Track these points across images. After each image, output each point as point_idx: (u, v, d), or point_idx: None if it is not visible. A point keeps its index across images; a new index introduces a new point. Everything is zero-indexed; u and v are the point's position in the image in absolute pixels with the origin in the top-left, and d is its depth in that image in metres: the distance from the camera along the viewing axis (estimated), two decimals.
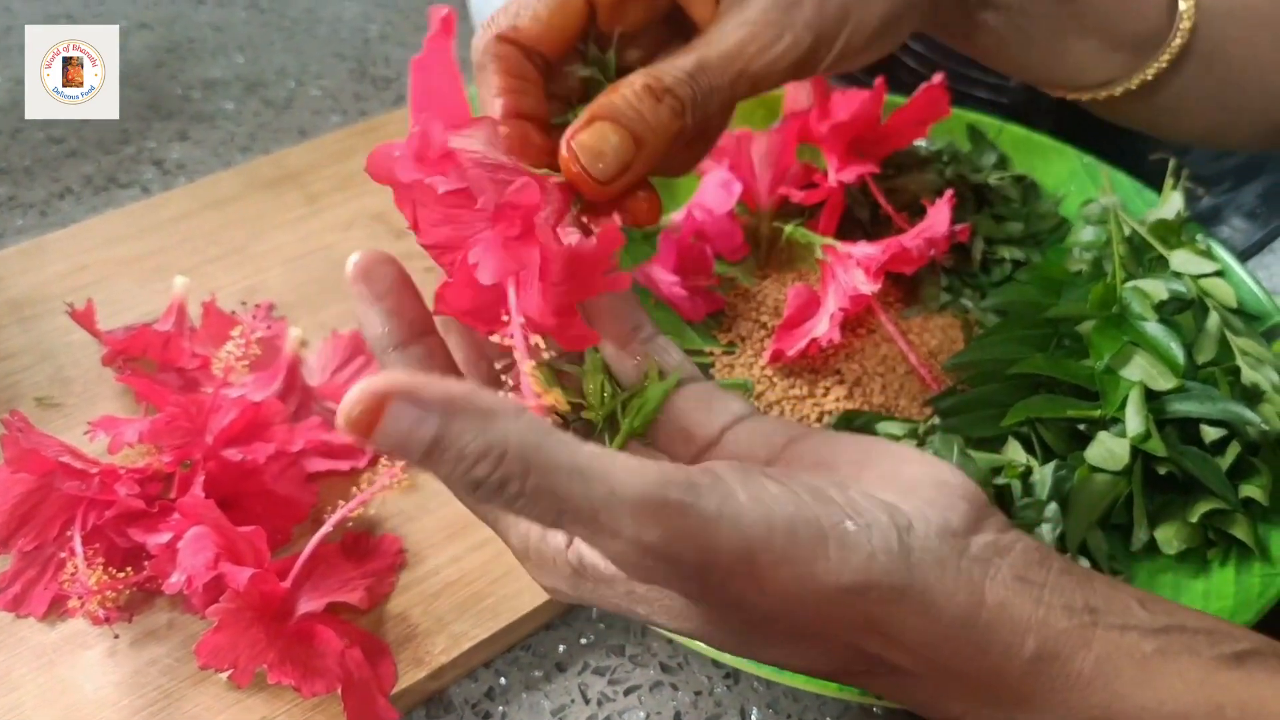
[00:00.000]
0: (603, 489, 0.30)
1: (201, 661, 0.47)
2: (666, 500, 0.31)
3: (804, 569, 0.33)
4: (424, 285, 0.72)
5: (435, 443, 0.29)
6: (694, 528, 0.31)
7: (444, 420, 0.29)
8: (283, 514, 0.56)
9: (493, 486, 0.30)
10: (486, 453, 0.29)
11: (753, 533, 0.32)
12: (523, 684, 0.56)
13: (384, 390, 0.29)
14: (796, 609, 0.34)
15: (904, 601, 0.34)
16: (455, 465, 0.30)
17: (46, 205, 0.80)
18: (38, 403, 0.64)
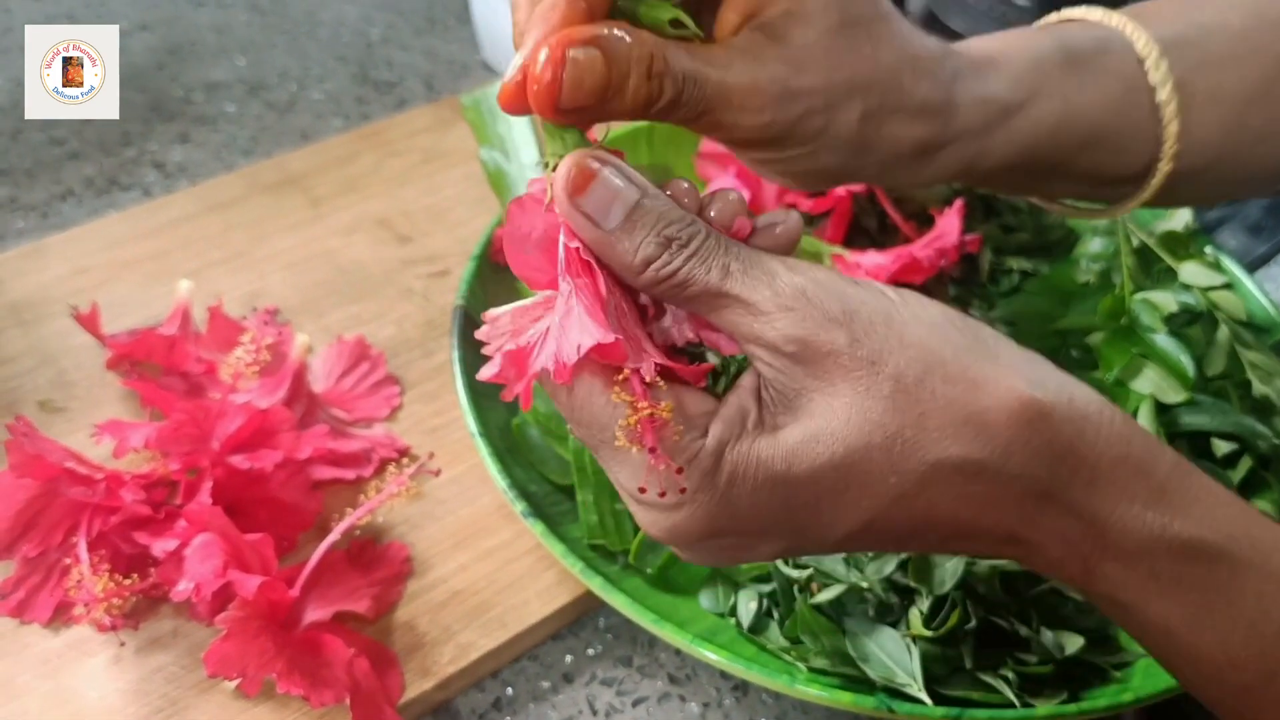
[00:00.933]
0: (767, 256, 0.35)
1: (210, 670, 0.47)
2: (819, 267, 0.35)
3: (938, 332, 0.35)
4: (430, 289, 0.72)
5: (641, 204, 0.34)
6: (838, 281, 0.35)
7: (653, 191, 0.35)
8: (289, 522, 0.56)
9: (683, 239, 0.34)
10: (684, 216, 0.35)
11: (889, 301, 0.35)
12: (530, 695, 0.55)
13: (605, 158, 0.35)
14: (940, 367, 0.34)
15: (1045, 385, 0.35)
16: (653, 224, 0.34)
17: (48, 207, 0.80)
18: (40, 407, 0.64)
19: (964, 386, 0.34)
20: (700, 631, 0.52)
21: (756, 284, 0.34)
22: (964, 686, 0.50)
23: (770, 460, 0.34)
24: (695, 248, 0.34)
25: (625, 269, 0.35)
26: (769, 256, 0.35)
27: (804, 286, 0.34)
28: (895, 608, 0.52)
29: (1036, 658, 0.51)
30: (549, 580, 0.57)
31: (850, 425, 0.34)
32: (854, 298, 0.34)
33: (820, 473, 0.34)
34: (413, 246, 0.75)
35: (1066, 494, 0.35)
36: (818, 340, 0.34)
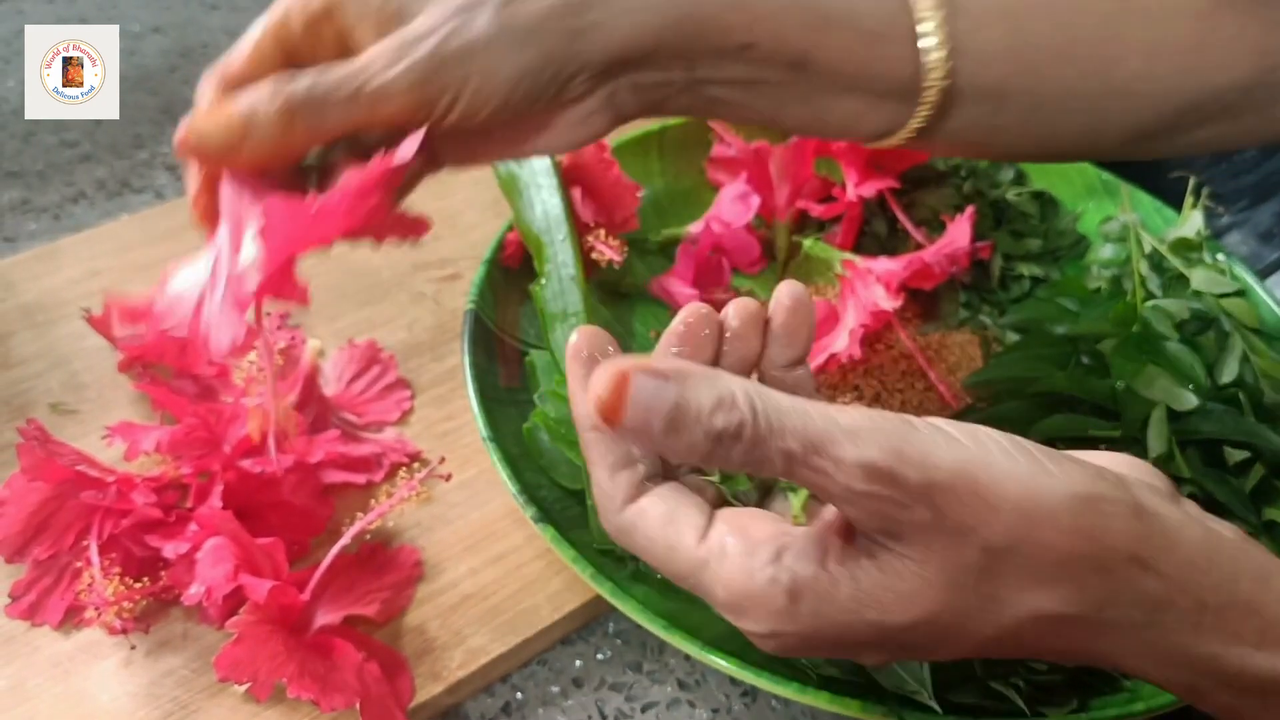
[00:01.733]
0: (824, 421, 0.33)
1: (221, 674, 0.47)
2: (883, 425, 0.33)
3: (1028, 482, 0.34)
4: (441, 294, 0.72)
5: (677, 405, 0.33)
6: (913, 447, 0.33)
7: (679, 382, 0.33)
8: (300, 526, 0.56)
9: (731, 434, 0.33)
10: (720, 403, 0.33)
11: (969, 453, 0.34)
12: (540, 699, 0.55)
13: (626, 367, 0.33)
14: (1032, 529, 0.34)
15: (1141, 519, 0.34)
16: (696, 422, 0.33)
17: (60, 209, 0.80)
18: (52, 409, 0.64)
19: (1059, 544, 0.34)
20: (711, 638, 0.52)
21: (823, 469, 0.33)
22: (974, 695, 0.50)
23: (858, 608, 0.35)
24: (748, 438, 0.33)
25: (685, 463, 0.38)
26: (829, 424, 0.33)
27: (874, 464, 0.33)
28: None
29: (1046, 666, 0.51)
30: (559, 585, 0.57)
31: (943, 591, 0.34)
32: (932, 464, 0.33)
33: (914, 626, 0.35)
34: (424, 250, 0.76)
35: (1168, 637, 0.35)
36: (899, 519, 0.34)
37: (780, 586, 0.35)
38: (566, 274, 0.65)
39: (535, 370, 0.63)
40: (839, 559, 0.35)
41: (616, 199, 0.69)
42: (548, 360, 0.63)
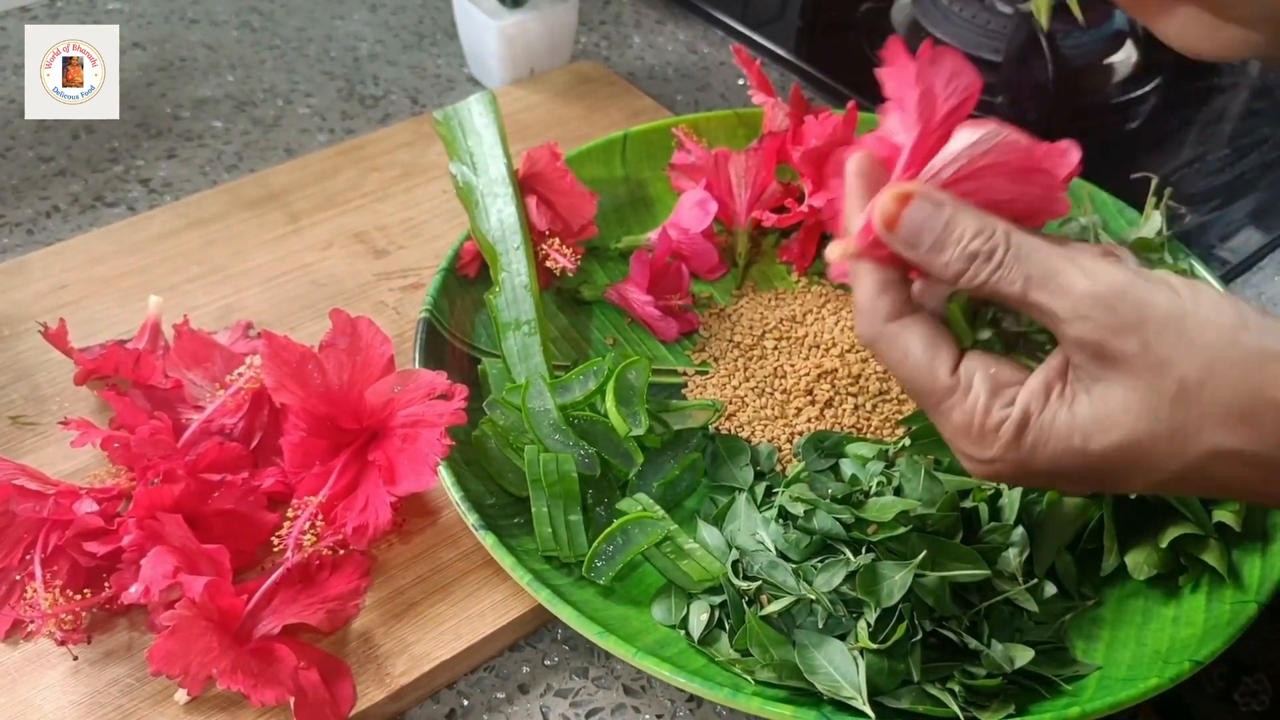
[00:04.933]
0: (1065, 260, 0.40)
1: (153, 668, 0.47)
2: (1114, 270, 0.40)
3: (1226, 332, 0.39)
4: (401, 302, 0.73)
5: (947, 224, 0.41)
6: (1135, 286, 0.39)
7: (953, 207, 0.41)
8: (244, 534, 0.56)
9: (985, 254, 0.40)
10: (981, 230, 0.41)
11: (1182, 300, 0.39)
12: (485, 706, 0.55)
13: (911, 189, 0.42)
14: (1222, 369, 0.39)
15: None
16: (958, 242, 0.41)
17: (33, 224, 0.81)
18: (12, 421, 0.64)
19: (1244, 387, 0.39)
20: (650, 644, 0.52)
21: (1054, 294, 0.40)
22: (910, 699, 0.50)
23: (1069, 435, 0.41)
24: (998, 261, 0.40)
25: (942, 281, 0.44)
26: (1066, 260, 0.40)
27: (1100, 294, 0.39)
28: (844, 620, 0.52)
29: (985, 670, 0.51)
30: (505, 592, 0.57)
31: (1140, 418, 0.40)
32: (1148, 303, 0.39)
33: (1110, 453, 0.40)
34: (388, 260, 0.76)
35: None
36: (1111, 345, 0.39)
37: (1012, 423, 0.41)
38: (520, 283, 0.66)
39: (488, 378, 0.64)
40: (1059, 394, 0.41)
41: (573, 207, 0.70)
42: (500, 368, 0.63)
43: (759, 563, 0.54)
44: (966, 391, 0.42)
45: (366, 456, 0.59)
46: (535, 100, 0.91)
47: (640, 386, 0.60)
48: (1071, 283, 0.40)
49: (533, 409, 0.59)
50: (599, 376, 0.60)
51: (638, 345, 0.69)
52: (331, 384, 0.58)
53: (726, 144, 0.75)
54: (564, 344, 0.69)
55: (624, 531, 0.56)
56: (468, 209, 0.69)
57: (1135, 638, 0.54)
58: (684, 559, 0.56)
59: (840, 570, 0.52)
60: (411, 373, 0.58)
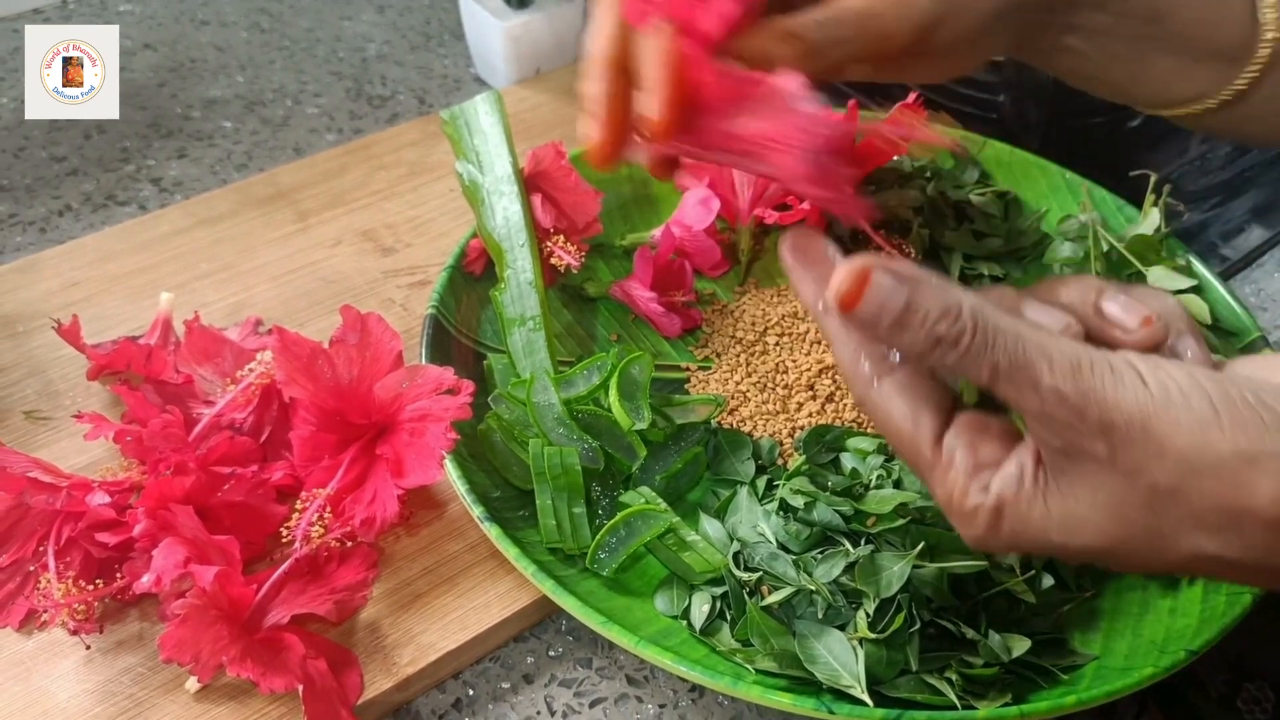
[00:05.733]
0: (1034, 349, 0.37)
1: (164, 655, 0.48)
2: (1081, 363, 0.37)
3: (1198, 434, 0.36)
4: (409, 299, 0.74)
5: (908, 304, 0.38)
6: (1100, 387, 0.37)
7: (913, 287, 0.38)
8: (254, 526, 0.57)
9: (950, 340, 0.37)
10: (946, 312, 0.37)
11: (1148, 400, 0.37)
12: (490, 695, 0.56)
13: (870, 264, 0.38)
14: (1195, 477, 0.37)
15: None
16: (921, 325, 0.38)
17: (46, 223, 0.82)
18: (26, 416, 0.66)
19: (1220, 495, 0.37)
20: (652, 634, 0.53)
21: (1021, 390, 0.37)
22: (909, 688, 0.51)
23: (1044, 529, 0.39)
24: (964, 347, 0.38)
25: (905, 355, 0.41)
26: (1036, 351, 0.37)
27: (1066, 396, 0.37)
28: (844, 610, 0.52)
29: (983, 660, 0.51)
30: (510, 583, 0.58)
31: (1112, 521, 0.38)
32: (1115, 405, 0.37)
33: (1088, 549, 0.39)
34: (395, 257, 0.77)
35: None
36: (1079, 447, 0.38)
37: (986, 510, 0.40)
38: (525, 279, 0.66)
39: (493, 373, 0.65)
40: (1033, 482, 0.39)
41: (578, 205, 0.70)
42: (505, 363, 0.64)
43: (760, 554, 0.55)
44: (947, 469, 0.41)
45: (375, 450, 0.60)
46: (541, 100, 0.92)
47: (643, 381, 0.61)
48: (1038, 377, 0.37)
49: (537, 403, 0.60)
50: (603, 371, 0.61)
51: (641, 341, 0.70)
52: (341, 379, 0.59)
53: None
54: (569, 340, 0.69)
55: (627, 524, 0.57)
56: (474, 207, 0.70)
57: (1132, 628, 0.55)
58: (686, 551, 0.56)
59: (840, 562, 0.53)
60: (420, 368, 0.59)
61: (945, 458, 0.41)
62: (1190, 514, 0.37)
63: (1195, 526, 0.37)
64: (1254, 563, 0.38)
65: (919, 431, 0.41)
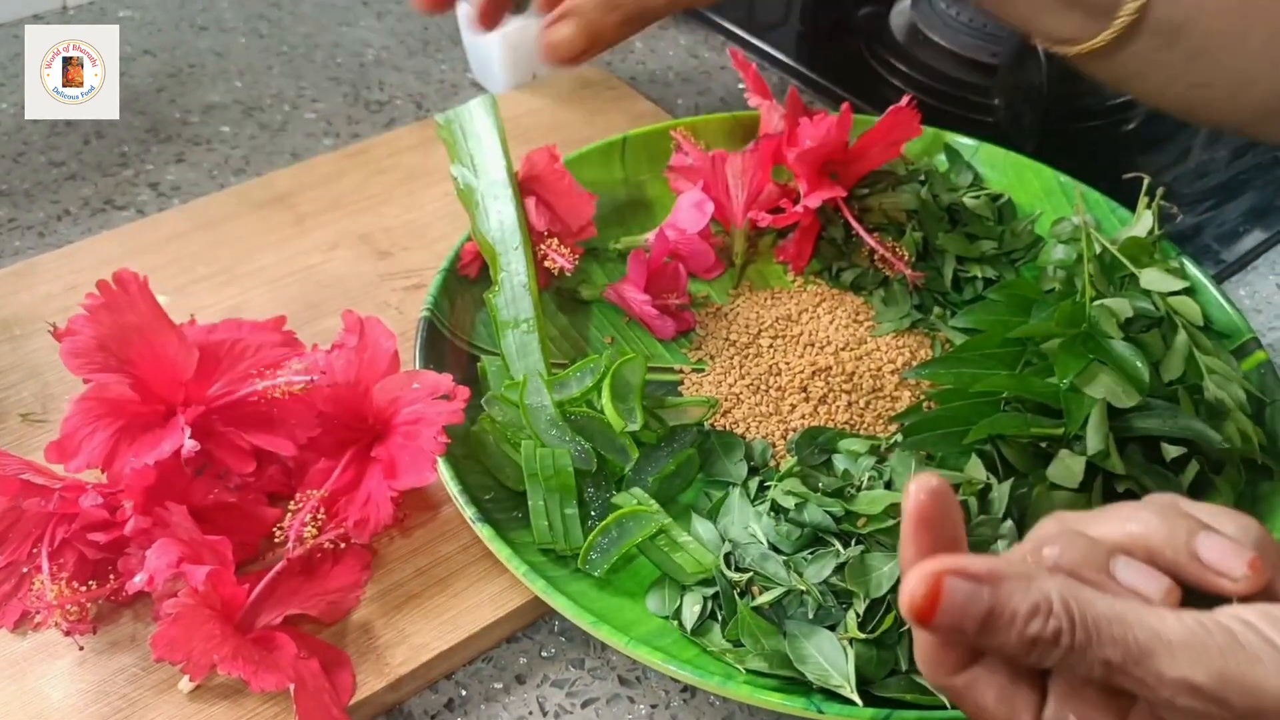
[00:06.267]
0: (1145, 632, 0.33)
1: (157, 654, 0.48)
2: (1208, 642, 0.33)
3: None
4: (404, 303, 0.74)
5: (990, 610, 0.33)
6: (1238, 670, 0.33)
7: (993, 587, 0.33)
8: (247, 528, 0.57)
9: (1048, 640, 0.33)
10: (1036, 610, 0.33)
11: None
12: (482, 696, 0.56)
13: (939, 569, 0.33)
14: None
15: None
16: (1010, 627, 0.33)
17: (44, 227, 0.82)
18: (22, 419, 0.66)
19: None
20: (644, 634, 0.53)
21: (1143, 682, 0.33)
22: (898, 688, 0.51)
23: None
24: (1066, 646, 0.34)
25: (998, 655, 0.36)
26: (1150, 637, 0.33)
27: (1196, 684, 0.33)
28: (834, 610, 0.53)
29: None
30: (503, 584, 0.58)
31: None
32: (1255, 688, 0.33)
33: None
34: (391, 261, 0.77)
35: None
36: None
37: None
38: (519, 282, 0.67)
39: (487, 375, 0.65)
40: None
41: (572, 208, 0.71)
42: (499, 365, 0.65)
43: (751, 555, 0.55)
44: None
45: (370, 454, 0.60)
46: (538, 105, 0.92)
47: (636, 383, 0.61)
48: (1161, 671, 0.33)
49: (530, 405, 0.60)
50: (596, 373, 0.61)
51: (635, 344, 0.70)
52: (339, 382, 0.59)
53: (724, 146, 0.76)
54: (563, 342, 0.70)
55: (619, 524, 0.57)
56: (468, 210, 0.70)
57: None
58: (678, 551, 0.57)
59: (830, 562, 0.53)
60: (419, 374, 0.60)
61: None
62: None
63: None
64: None
65: (1017, 709, 0.37)
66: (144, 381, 0.57)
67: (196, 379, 0.58)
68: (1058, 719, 0.36)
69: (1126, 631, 0.33)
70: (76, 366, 0.56)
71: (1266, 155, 0.90)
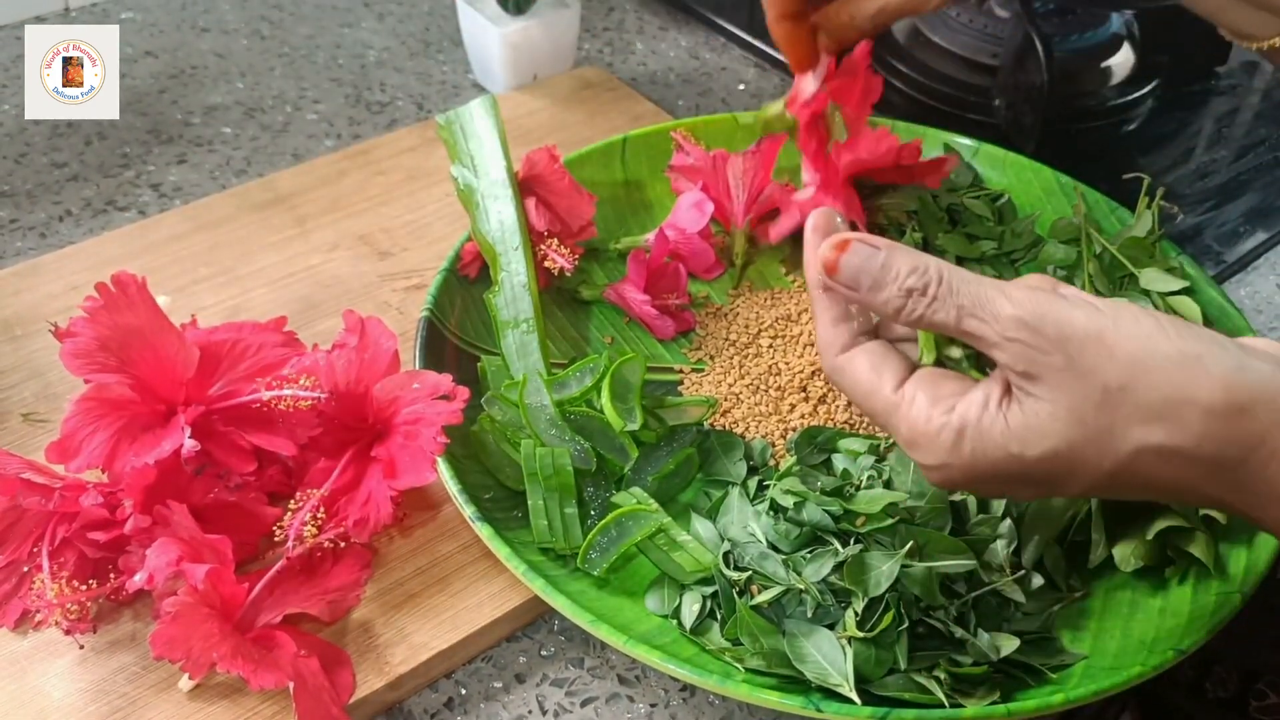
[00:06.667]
0: (993, 289, 0.44)
1: (156, 652, 0.48)
2: (1038, 296, 0.43)
3: (1145, 339, 0.42)
4: (405, 303, 0.74)
5: (883, 265, 0.45)
6: (1055, 309, 0.43)
7: (888, 251, 0.45)
8: (247, 527, 0.57)
9: (920, 290, 0.44)
10: (915, 269, 0.44)
11: (1101, 316, 0.43)
12: (482, 695, 0.57)
13: (849, 236, 0.46)
14: (1143, 373, 0.42)
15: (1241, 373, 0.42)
16: (894, 281, 0.45)
17: (46, 228, 0.82)
18: (24, 419, 0.66)
19: (1164, 387, 0.42)
20: (643, 633, 0.53)
21: (984, 322, 0.43)
22: (897, 687, 0.51)
23: (1005, 443, 0.44)
24: (931, 295, 0.44)
25: (881, 316, 0.48)
26: (995, 290, 0.44)
27: (1024, 319, 0.43)
28: (832, 609, 0.53)
29: (971, 659, 0.52)
30: (502, 584, 0.58)
31: (1069, 425, 0.43)
32: (1069, 321, 0.42)
33: (1045, 458, 0.43)
34: (391, 261, 0.78)
35: (1264, 470, 0.42)
36: (1038, 363, 0.43)
37: (950, 429, 0.45)
38: (519, 282, 0.67)
39: (487, 375, 0.65)
40: (996, 405, 0.44)
41: (572, 208, 0.71)
42: (499, 365, 0.65)
43: (750, 554, 0.55)
44: (910, 404, 0.46)
45: (370, 453, 0.61)
46: (538, 105, 0.92)
47: (635, 383, 0.62)
48: (999, 310, 0.43)
49: (530, 405, 0.60)
50: (595, 373, 0.62)
51: (635, 344, 0.70)
52: (340, 381, 0.59)
53: (724, 147, 0.76)
54: (563, 342, 0.70)
55: (618, 524, 0.57)
56: (468, 210, 0.71)
57: (1121, 628, 0.55)
58: (677, 550, 0.57)
59: (829, 561, 0.53)
60: (420, 374, 0.60)
61: (907, 396, 0.46)
62: (1138, 407, 0.42)
63: (1142, 419, 0.42)
64: (1191, 450, 0.42)
65: (881, 379, 0.47)
66: (144, 382, 0.57)
67: (197, 379, 0.58)
68: (914, 387, 0.46)
69: (979, 287, 0.44)
70: (77, 367, 0.56)
71: (1267, 155, 0.90)
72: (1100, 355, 0.42)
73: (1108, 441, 0.43)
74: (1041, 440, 0.43)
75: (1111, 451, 0.43)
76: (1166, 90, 0.96)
